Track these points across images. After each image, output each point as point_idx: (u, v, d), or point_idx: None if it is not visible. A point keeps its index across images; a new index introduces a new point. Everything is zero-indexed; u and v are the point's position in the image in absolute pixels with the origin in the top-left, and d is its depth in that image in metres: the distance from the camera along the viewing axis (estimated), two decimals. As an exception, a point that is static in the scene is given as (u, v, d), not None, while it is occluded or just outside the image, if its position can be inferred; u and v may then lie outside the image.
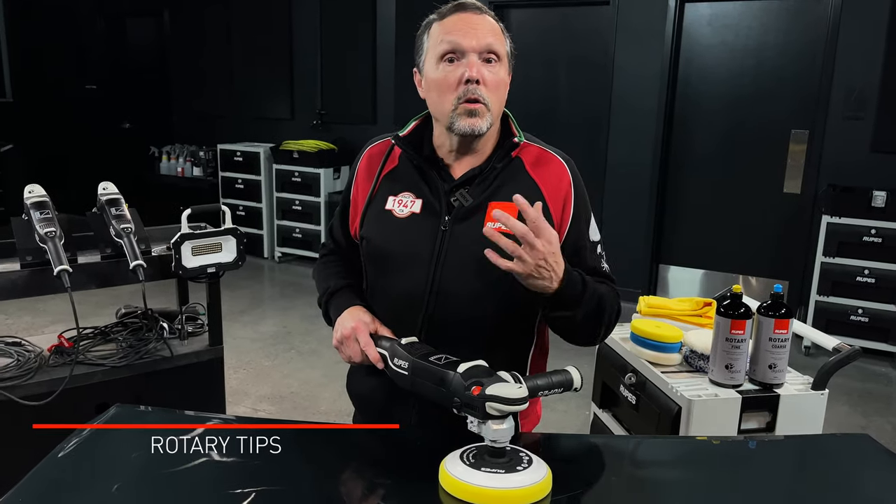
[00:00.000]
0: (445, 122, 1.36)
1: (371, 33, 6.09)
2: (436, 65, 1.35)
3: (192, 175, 6.86)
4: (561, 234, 1.37)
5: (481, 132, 1.35)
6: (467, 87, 1.32)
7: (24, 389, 1.95)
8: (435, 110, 1.40)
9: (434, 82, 1.36)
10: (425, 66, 1.39)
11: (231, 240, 2.22)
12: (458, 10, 1.36)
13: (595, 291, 1.34)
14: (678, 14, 4.94)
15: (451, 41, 1.33)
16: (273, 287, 6.01)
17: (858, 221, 4.25)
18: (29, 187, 2.06)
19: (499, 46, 1.35)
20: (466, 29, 1.33)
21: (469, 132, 1.34)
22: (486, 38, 1.33)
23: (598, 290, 1.35)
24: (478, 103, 1.32)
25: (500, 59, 1.36)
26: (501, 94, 1.37)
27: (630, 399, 2.03)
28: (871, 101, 4.43)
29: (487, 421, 1.09)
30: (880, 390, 3.97)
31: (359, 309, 1.43)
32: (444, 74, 1.34)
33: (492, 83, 1.34)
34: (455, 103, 1.33)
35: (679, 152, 5.18)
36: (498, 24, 1.38)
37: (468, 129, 1.34)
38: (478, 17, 1.35)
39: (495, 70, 1.35)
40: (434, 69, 1.36)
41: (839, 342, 1.91)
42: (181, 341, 2.30)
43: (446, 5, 1.39)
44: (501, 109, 1.40)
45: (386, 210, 1.43)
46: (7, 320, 4.48)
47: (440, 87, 1.35)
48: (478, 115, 1.33)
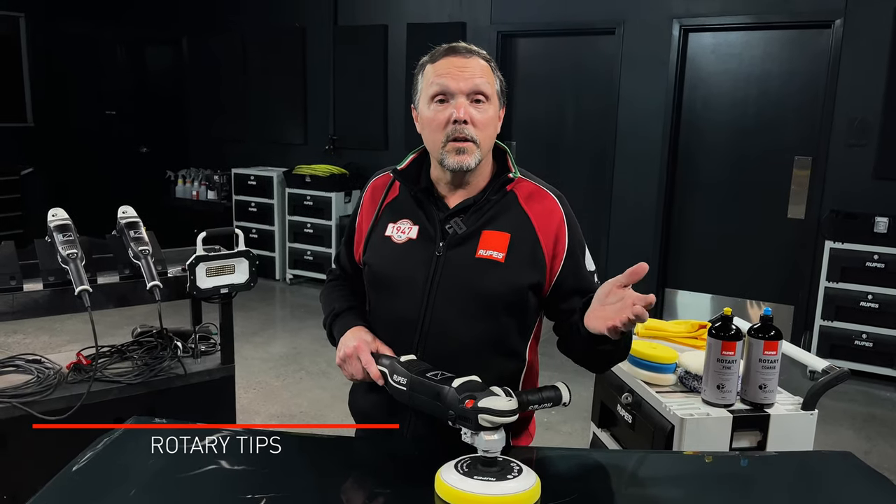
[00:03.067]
0: (437, 158, 1.46)
1: (383, 61, 6.24)
2: (428, 104, 1.45)
3: (206, 198, 7.00)
4: (556, 266, 1.47)
5: (469, 168, 1.44)
6: (455, 126, 1.41)
7: (44, 405, 2.04)
8: (428, 146, 1.50)
9: (426, 121, 1.46)
10: (420, 105, 1.49)
11: (244, 262, 2.31)
12: (449, 54, 1.45)
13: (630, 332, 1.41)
14: (682, 43, 5.04)
15: (440, 84, 1.43)
16: (284, 309, 6.10)
17: (861, 247, 4.30)
18: (52, 211, 2.16)
19: (486, 87, 1.44)
20: (455, 72, 1.42)
21: (457, 168, 1.44)
22: (473, 81, 1.42)
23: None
24: (466, 142, 1.42)
25: (488, 98, 1.44)
26: (490, 131, 1.46)
27: (627, 418, 2.09)
28: (874, 129, 4.50)
29: (480, 432, 1.17)
30: (884, 415, 3.99)
31: (361, 329, 1.51)
32: (435, 114, 1.44)
33: (480, 122, 1.43)
34: (444, 141, 1.43)
35: (684, 178, 5.26)
36: (488, 64, 1.47)
37: (456, 165, 1.43)
38: (466, 60, 1.44)
39: (483, 109, 1.44)
40: (426, 108, 1.46)
41: (828, 363, 1.96)
42: (194, 360, 2.39)
43: (440, 47, 1.48)
44: (491, 144, 1.49)
45: (386, 236, 1.52)
46: (25, 339, 4.59)
47: (431, 125, 1.45)
48: (466, 153, 1.42)
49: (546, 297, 1.51)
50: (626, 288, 1.26)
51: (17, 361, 2.23)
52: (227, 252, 2.31)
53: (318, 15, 6.50)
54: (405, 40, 6.06)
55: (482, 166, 1.48)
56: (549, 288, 1.49)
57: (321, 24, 6.49)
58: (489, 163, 1.52)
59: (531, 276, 1.45)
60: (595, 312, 1.30)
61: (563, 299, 1.50)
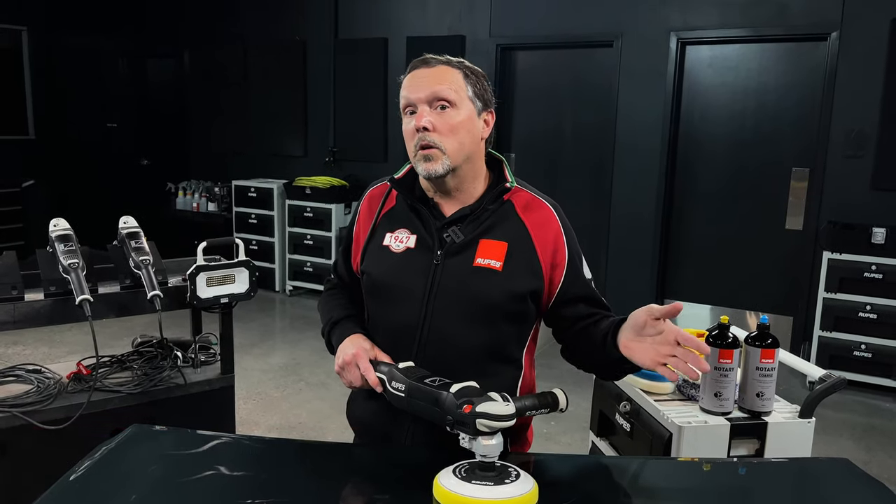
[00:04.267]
0: (414, 167, 1.50)
1: (382, 74, 6.28)
2: (403, 118, 1.49)
3: (206, 210, 7.02)
4: (557, 276, 1.49)
5: (438, 174, 1.45)
6: (419, 135, 1.44)
7: (44, 414, 2.04)
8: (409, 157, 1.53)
9: (403, 133, 1.50)
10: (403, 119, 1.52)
11: (244, 272, 2.33)
12: (414, 68, 1.49)
13: None
14: (680, 56, 5.09)
15: (404, 97, 1.47)
16: (283, 320, 6.10)
17: (859, 258, 4.32)
18: (54, 221, 2.18)
19: (449, 93, 1.44)
20: (416, 83, 1.46)
21: (426, 175, 1.46)
22: (430, 88, 1.44)
23: None
24: (430, 148, 1.44)
25: (452, 103, 1.44)
26: (460, 137, 1.45)
27: (625, 427, 2.10)
28: (871, 140, 4.53)
29: (478, 437, 1.18)
30: (884, 425, 3.99)
31: (359, 337, 1.52)
32: (405, 126, 1.48)
33: (442, 128, 1.44)
34: (414, 150, 1.46)
35: (683, 190, 5.29)
36: (459, 70, 1.47)
37: (424, 172, 1.46)
38: (432, 70, 1.46)
39: (447, 115, 1.44)
40: (404, 121, 1.49)
41: (825, 372, 1.97)
42: (194, 369, 2.39)
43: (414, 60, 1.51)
44: (466, 150, 1.47)
45: (384, 246, 1.53)
46: (25, 350, 4.60)
47: (405, 136, 1.49)
48: (432, 160, 1.44)
49: (549, 307, 1.52)
50: (665, 321, 1.28)
51: (18, 371, 2.23)
52: (227, 262, 2.32)
53: (318, 28, 6.56)
54: (405, 53, 6.10)
55: (473, 175, 1.50)
56: (550, 297, 1.51)
57: (321, 38, 6.55)
58: (482, 172, 1.54)
59: (529, 285, 1.47)
60: (635, 344, 1.33)
61: (567, 307, 1.51)
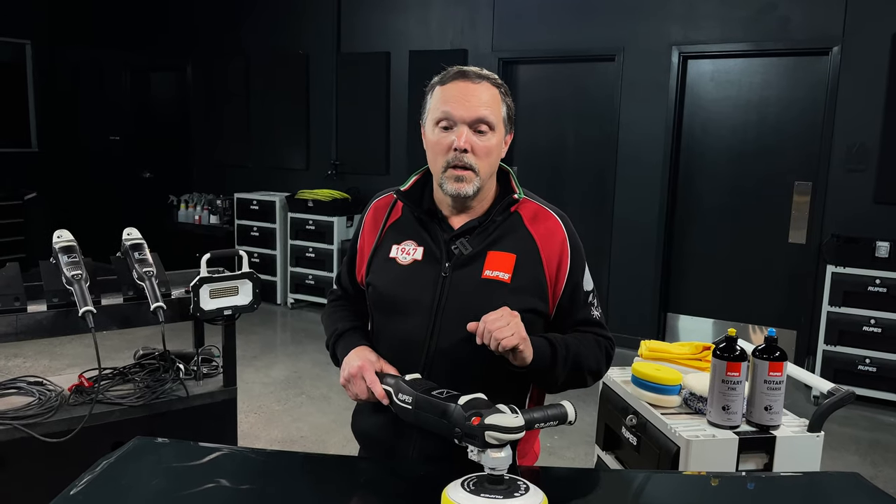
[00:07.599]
0: (438, 181, 1.47)
1: (385, 88, 6.30)
2: (433, 127, 1.46)
3: (209, 223, 7.02)
4: (559, 286, 1.49)
5: (467, 195, 1.45)
6: (456, 154, 1.42)
7: (45, 427, 2.03)
8: (430, 167, 1.51)
9: (430, 143, 1.47)
10: (426, 125, 1.50)
11: (247, 283, 2.31)
12: (458, 78, 1.45)
13: (569, 354, 1.44)
14: (681, 70, 5.10)
15: (444, 111, 1.43)
16: (285, 333, 6.08)
17: (863, 271, 4.30)
18: (58, 232, 2.17)
19: (491, 117, 1.43)
20: (461, 99, 1.42)
21: (455, 195, 1.45)
22: (477, 111, 1.42)
23: (572, 350, 1.45)
24: (465, 170, 1.43)
25: (491, 127, 1.44)
26: (492, 159, 1.46)
27: (631, 440, 2.08)
28: (873, 154, 4.53)
29: (487, 449, 1.16)
30: (889, 440, 3.96)
31: (365, 349, 1.51)
32: (438, 138, 1.45)
33: (480, 150, 1.43)
34: (445, 166, 1.44)
35: (685, 204, 5.28)
36: (497, 90, 1.46)
37: (454, 191, 1.44)
38: (475, 87, 1.44)
39: (486, 139, 1.44)
40: (431, 131, 1.47)
41: (833, 385, 1.95)
42: (196, 382, 2.38)
43: (451, 69, 1.48)
44: (492, 171, 1.49)
45: (390, 258, 1.52)
46: (25, 363, 4.57)
47: (434, 148, 1.46)
48: (464, 181, 1.43)
49: (552, 318, 1.52)
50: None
51: (19, 384, 2.22)
52: (230, 274, 2.31)
53: (320, 42, 6.58)
54: (407, 67, 6.12)
55: (484, 189, 1.49)
56: (553, 309, 1.50)
57: (324, 52, 6.57)
58: (492, 185, 1.53)
59: (536, 297, 1.46)
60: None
61: (562, 320, 1.52)
